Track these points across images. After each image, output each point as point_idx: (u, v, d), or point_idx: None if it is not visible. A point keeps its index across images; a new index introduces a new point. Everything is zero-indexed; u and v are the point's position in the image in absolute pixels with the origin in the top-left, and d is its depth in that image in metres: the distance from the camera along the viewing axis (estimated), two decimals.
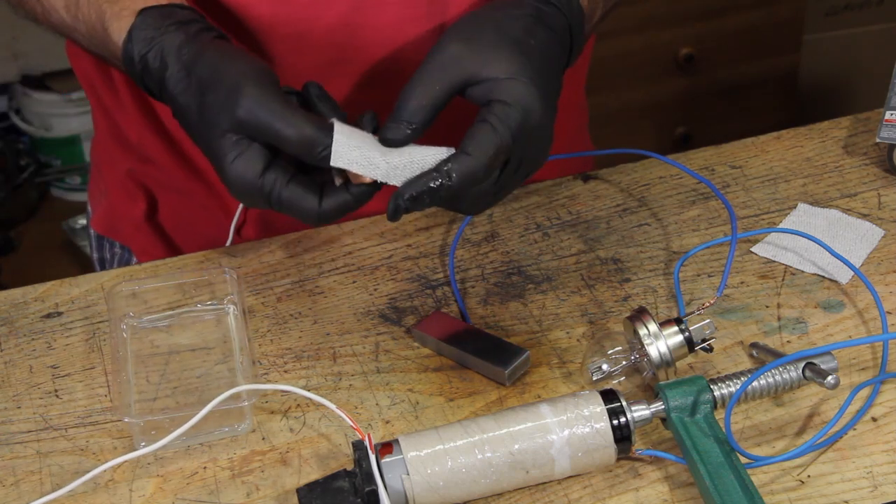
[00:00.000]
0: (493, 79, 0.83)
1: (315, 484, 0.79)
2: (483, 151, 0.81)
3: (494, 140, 0.81)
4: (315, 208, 0.84)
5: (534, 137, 0.84)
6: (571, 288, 0.98)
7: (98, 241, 1.25)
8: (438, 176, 0.81)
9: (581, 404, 0.80)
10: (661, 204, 1.07)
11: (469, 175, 0.81)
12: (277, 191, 0.83)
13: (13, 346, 0.95)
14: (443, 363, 0.92)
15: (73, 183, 2.76)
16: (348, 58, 1.01)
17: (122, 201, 1.19)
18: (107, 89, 1.14)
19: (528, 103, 0.82)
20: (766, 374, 0.83)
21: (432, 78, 0.83)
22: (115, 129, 1.16)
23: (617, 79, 2.29)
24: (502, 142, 0.82)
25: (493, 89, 0.82)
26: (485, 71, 0.83)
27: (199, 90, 0.85)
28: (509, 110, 0.82)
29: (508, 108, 0.82)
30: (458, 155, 0.81)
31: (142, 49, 0.88)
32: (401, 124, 0.83)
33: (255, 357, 0.93)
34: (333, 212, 0.84)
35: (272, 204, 0.84)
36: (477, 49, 0.84)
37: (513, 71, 0.83)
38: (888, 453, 0.82)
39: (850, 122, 1.15)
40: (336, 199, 0.84)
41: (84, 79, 1.17)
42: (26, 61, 2.61)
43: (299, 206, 0.84)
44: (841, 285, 0.97)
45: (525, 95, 0.82)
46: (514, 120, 0.82)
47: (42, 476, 0.84)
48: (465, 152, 0.81)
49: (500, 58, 0.83)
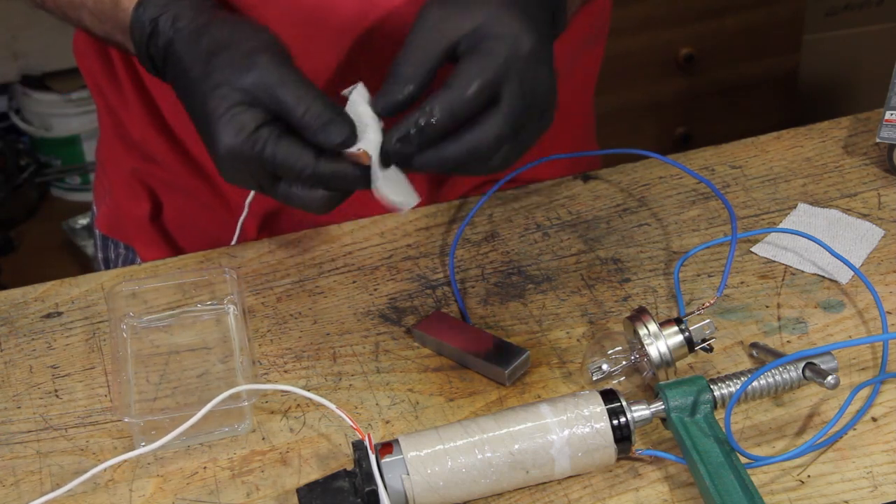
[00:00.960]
0: (478, 24, 0.81)
1: (315, 484, 0.79)
2: (465, 82, 0.80)
3: (476, 70, 0.80)
4: (311, 164, 0.81)
5: (529, 68, 0.82)
6: (571, 288, 0.98)
7: (103, 241, 1.25)
8: (420, 114, 0.80)
9: (581, 404, 0.80)
10: (661, 204, 1.07)
11: (453, 108, 0.80)
12: (270, 147, 0.81)
13: (13, 346, 0.95)
14: (443, 363, 0.92)
15: (73, 183, 2.76)
16: (360, 53, 1.01)
17: (125, 201, 1.20)
18: (112, 88, 1.14)
19: (514, 33, 0.81)
20: (766, 374, 0.83)
21: (420, 42, 0.82)
22: (120, 128, 1.16)
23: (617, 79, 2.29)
24: (486, 71, 0.80)
25: (479, 30, 0.81)
26: (470, 22, 0.82)
27: (209, 52, 0.84)
28: (494, 42, 0.80)
29: (493, 40, 0.81)
30: (439, 90, 0.80)
31: (154, 13, 0.88)
32: (400, 85, 0.81)
33: (255, 357, 0.93)
34: (331, 175, 0.82)
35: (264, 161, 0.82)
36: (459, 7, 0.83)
37: (497, 11, 0.82)
38: (888, 453, 0.82)
39: (850, 122, 1.15)
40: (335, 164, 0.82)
41: (89, 77, 1.17)
42: (26, 61, 2.62)
43: (293, 163, 0.81)
44: (841, 285, 0.97)
45: (510, 26, 0.81)
46: (499, 50, 0.80)
47: (42, 476, 0.84)
48: (447, 86, 0.80)
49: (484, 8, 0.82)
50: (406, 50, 0.83)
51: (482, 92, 0.81)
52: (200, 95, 0.84)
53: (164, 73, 0.89)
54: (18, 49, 2.59)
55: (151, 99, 1.10)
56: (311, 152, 0.82)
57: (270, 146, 0.81)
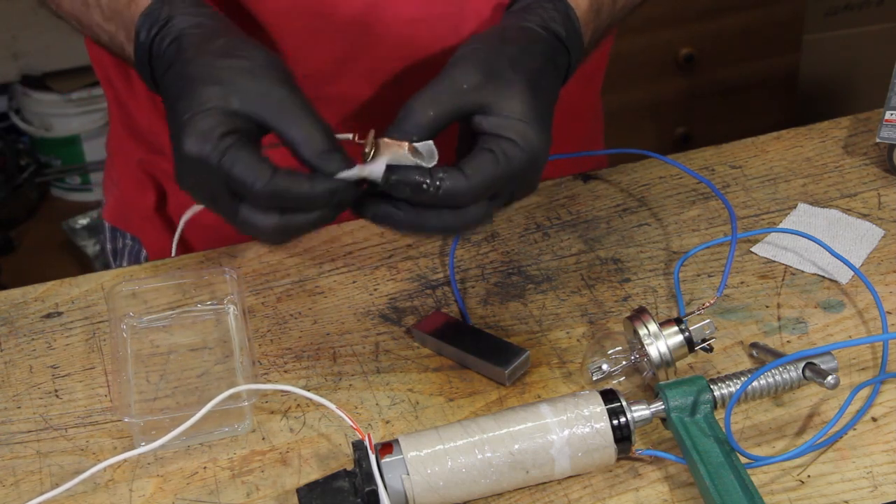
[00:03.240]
0: (505, 116, 0.83)
1: (315, 484, 0.79)
2: (479, 178, 0.81)
3: (494, 172, 0.81)
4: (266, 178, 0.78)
5: (532, 176, 0.85)
6: (571, 288, 0.98)
7: (112, 232, 1.26)
8: (429, 179, 0.80)
9: (581, 404, 0.80)
10: (661, 204, 1.07)
11: (456, 194, 0.81)
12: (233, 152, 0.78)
13: (13, 346, 0.95)
14: (443, 363, 0.92)
15: (73, 183, 2.76)
16: (360, 54, 1.01)
17: (132, 192, 1.20)
18: (121, 78, 1.14)
19: (536, 149, 0.83)
20: (766, 374, 0.83)
21: (443, 98, 0.83)
22: (128, 119, 1.17)
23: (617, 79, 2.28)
24: (500, 176, 0.82)
25: (504, 126, 0.82)
26: (497, 105, 0.83)
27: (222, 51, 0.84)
28: (518, 152, 0.82)
29: (517, 149, 0.82)
30: (452, 170, 0.81)
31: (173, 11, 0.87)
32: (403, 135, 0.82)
33: (255, 357, 0.93)
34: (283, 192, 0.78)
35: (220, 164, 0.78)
36: (492, 80, 0.83)
37: (526, 113, 0.83)
38: (888, 453, 0.82)
39: (850, 122, 1.15)
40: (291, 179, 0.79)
41: (99, 67, 1.17)
42: (26, 61, 2.62)
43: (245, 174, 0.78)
44: (841, 285, 0.97)
45: (535, 141, 0.83)
46: (519, 161, 0.82)
47: (42, 476, 0.84)
48: (462, 171, 0.81)
49: (515, 96, 0.83)
50: (430, 96, 0.83)
51: (487, 190, 0.82)
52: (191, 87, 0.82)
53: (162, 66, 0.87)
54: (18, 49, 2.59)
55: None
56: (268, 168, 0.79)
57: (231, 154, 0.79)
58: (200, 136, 0.79)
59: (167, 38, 0.86)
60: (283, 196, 0.79)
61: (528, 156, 0.82)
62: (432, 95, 0.83)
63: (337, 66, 1.01)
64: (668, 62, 2.38)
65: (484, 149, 0.82)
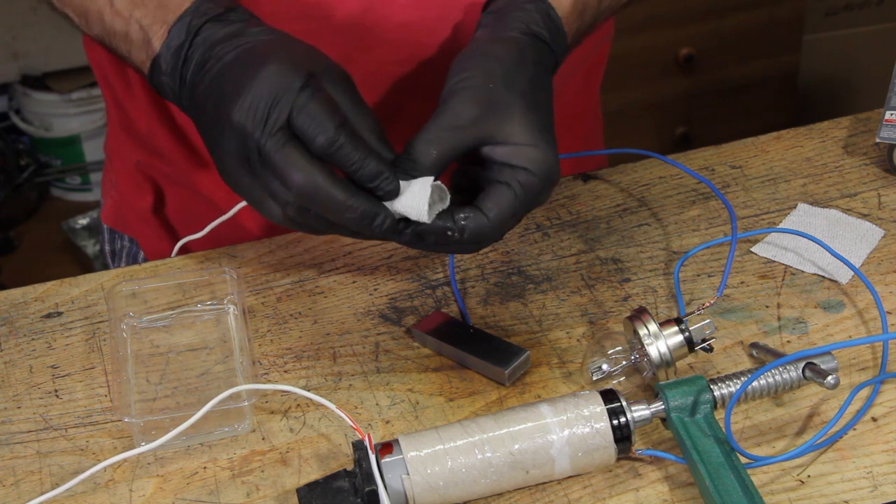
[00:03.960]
0: (512, 143, 0.83)
1: (315, 484, 0.79)
2: (501, 215, 0.82)
3: (514, 206, 0.82)
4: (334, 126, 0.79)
5: (547, 193, 0.85)
6: (571, 288, 0.98)
7: (110, 234, 1.26)
8: (453, 228, 0.81)
9: (581, 404, 0.80)
10: (661, 204, 1.07)
11: (481, 235, 0.82)
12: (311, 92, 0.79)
13: (13, 346, 0.95)
14: (443, 363, 0.92)
15: (73, 183, 2.76)
16: (357, 57, 1.01)
17: (130, 193, 1.20)
18: (119, 80, 1.14)
19: (549, 172, 0.83)
20: (766, 374, 0.83)
21: (445, 135, 0.83)
22: (126, 121, 1.17)
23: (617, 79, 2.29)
24: (520, 208, 0.82)
25: (513, 154, 0.83)
26: (502, 134, 0.83)
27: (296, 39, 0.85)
28: (532, 178, 0.82)
29: (531, 175, 0.82)
30: (475, 212, 0.82)
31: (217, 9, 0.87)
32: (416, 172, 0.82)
33: (255, 357, 0.93)
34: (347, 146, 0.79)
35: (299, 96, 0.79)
36: (493, 111, 0.83)
37: (533, 137, 0.83)
38: (888, 453, 0.82)
39: (850, 122, 1.15)
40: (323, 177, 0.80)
41: (98, 69, 1.17)
42: (26, 61, 2.62)
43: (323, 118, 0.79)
44: (841, 285, 0.97)
45: (547, 164, 0.83)
46: (536, 188, 0.83)
47: (42, 476, 0.84)
48: (483, 212, 0.82)
49: (516, 121, 0.83)
50: (431, 135, 0.83)
51: (510, 225, 0.83)
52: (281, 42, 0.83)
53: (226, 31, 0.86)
54: (18, 49, 2.59)
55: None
56: (340, 117, 0.80)
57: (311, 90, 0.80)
58: (282, 71, 0.80)
59: (230, 18, 0.86)
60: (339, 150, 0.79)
61: (542, 179, 0.83)
62: (433, 135, 0.83)
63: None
64: (668, 62, 2.38)
65: (499, 182, 0.83)
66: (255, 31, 0.85)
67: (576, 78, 1.16)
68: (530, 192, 0.83)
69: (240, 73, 0.82)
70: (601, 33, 1.17)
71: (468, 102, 0.84)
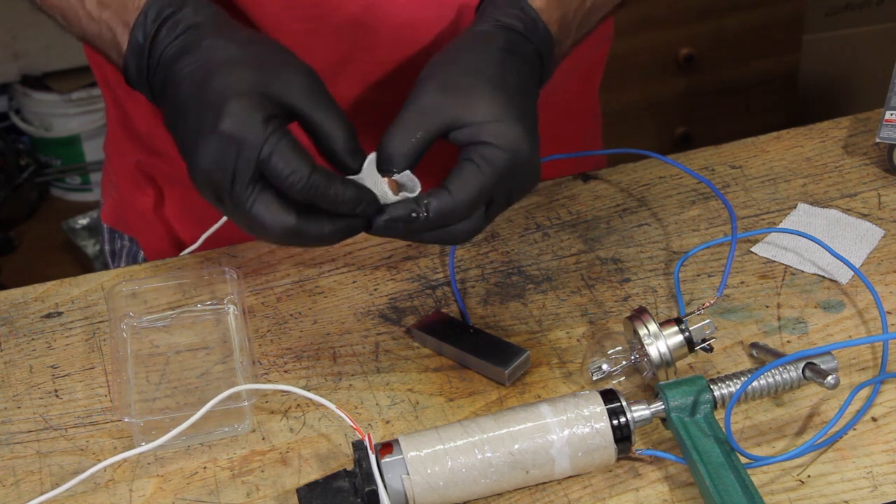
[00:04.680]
0: (477, 122, 0.82)
1: (315, 484, 0.79)
2: (465, 191, 0.81)
3: (478, 180, 0.81)
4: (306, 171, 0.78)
5: (522, 176, 0.84)
6: (571, 288, 0.98)
7: (110, 233, 1.26)
8: (416, 208, 0.81)
9: (581, 404, 0.80)
10: (661, 204, 1.07)
11: (446, 212, 0.81)
12: (275, 138, 0.78)
13: (13, 346, 0.95)
14: (443, 363, 0.92)
15: (73, 183, 2.76)
16: (357, 56, 1.01)
17: (130, 193, 1.20)
18: (119, 79, 1.14)
19: (515, 144, 0.82)
20: (766, 374, 0.83)
21: (412, 125, 0.83)
22: (126, 120, 1.17)
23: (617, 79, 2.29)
24: (486, 183, 0.81)
25: (478, 132, 0.82)
26: (467, 115, 0.83)
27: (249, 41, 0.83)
28: (497, 152, 0.82)
29: (496, 149, 0.82)
30: (438, 191, 0.81)
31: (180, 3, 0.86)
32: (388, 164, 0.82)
33: (255, 357, 0.93)
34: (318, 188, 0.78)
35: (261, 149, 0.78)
36: (456, 94, 0.83)
37: (496, 113, 0.82)
38: (888, 453, 0.82)
39: (850, 122, 1.15)
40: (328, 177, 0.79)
41: (97, 69, 1.17)
42: (26, 61, 2.62)
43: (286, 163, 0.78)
44: (841, 285, 0.97)
45: (511, 136, 0.82)
46: (501, 161, 0.82)
47: (42, 476, 0.84)
48: (447, 189, 0.81)
49: (481, 100, 0.83)
50: (399, 128, 0.83)
51: (478, 201, 0.82)
52: (223, 68, 0.81)
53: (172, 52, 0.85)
54: (18, 49, 2.59)
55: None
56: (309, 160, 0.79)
57: (273, 139, 0.78)
58: (241, 117, 0.78)
59: (180, 25, 0.85)
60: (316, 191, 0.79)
61: (509, 153, 0.82)
62: (401, 127, 0.83)
63: (334, 68, 1.01)
64: (668, 62, 2.38)
65: (464, 160, 0.82)
66: (208, 45, 0.83)
67: (575, 78, 1.16)
68: (496, 165, 0.81)
69: (198, 114, 0.81)
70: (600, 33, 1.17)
71: (430, 90, 0.84)
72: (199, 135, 0.80)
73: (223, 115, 0.78)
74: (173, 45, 0.85)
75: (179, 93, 0.83)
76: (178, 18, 0.85)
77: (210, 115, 0.79)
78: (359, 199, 0.80)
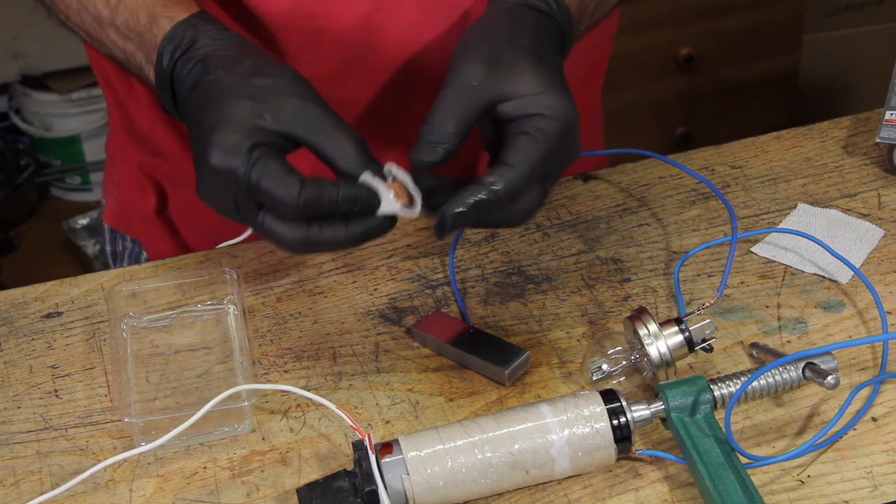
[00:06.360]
0: (525, 94, 0.82)
1: (315, 484, 0.79)
2: (526, 162, 0.81)
3: (537, 150, 0.81)
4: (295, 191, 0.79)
5: (571, 142, 0.84)
6: (571, 288, 0.98)
7: (111, 234, 1.26)
8: (484, 190, 0.80)
9: (581, 404, 0.80)
10: (661, 204, 1.07)
11: (513, 186, 0.80)
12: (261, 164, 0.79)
13: (13, 346, 0.95)
14: (443, 363, 0.92)
15: (73, 183, 2.76)
16: (363, 58, 1.01)
17: (132, 194, 1.20)
18: (121, 81, 1.14)
19: (566, 113, 0.83)
20: (766, 374, 0.83)
21: (459, 100, 0.83)
22: (129, 122, 1.17)
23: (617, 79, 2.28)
24: (544, 151, 0.81)
25: (528, 104, 0.82)
26: (513, 88, 0.83)
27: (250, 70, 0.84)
28: (550, 122, 0.82)
29: (549, 120, 0.82)
30: (499, 167, 0.81)
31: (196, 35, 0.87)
32: (435, 146, 0.81)
33: (255, 357, 0.93)
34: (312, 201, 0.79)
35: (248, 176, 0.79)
36: (498, 68, 0.83)
37: (542, 85, 0.83)
38: (888, 453, 0.82)
39: (850, 122, 1.15)
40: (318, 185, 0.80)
41: (99, 70, 1.17)
42: (26, 61, 2.62)
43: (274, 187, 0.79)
44: (841, 285, 0.97)
45: (561, 106, 0.82)
46: (554, 130, 0.82)
47: (42, 476, 0.84)
48: (507, 163, 0.81)
49: (526, 73, 0.83)
50: (445, 105, 0.82)
51: (538, 170, 0.82)
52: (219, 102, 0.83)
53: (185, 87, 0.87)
54: (18, 49, 2.59)
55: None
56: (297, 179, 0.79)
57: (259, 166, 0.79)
58: (228, 149, 0.80)
59: (192, 61, 0.86)
60: (311, 205, 0.79)
61: (561, 123, 0.82)
62: (447, 102, 0.82)
63: (339, 71, 1.01)
64: (668, 62, 2.38)
65: (518, 133, 0.82)
66: (210, 80, 0.85)
67: (578, 76, 1.16)
68: (551, 135, 0.82)
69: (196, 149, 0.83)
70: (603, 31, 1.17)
71: (474, 64, 0.84)
72: (197, 168, 0.82)
73: (210, 148, 0.80)
74: (187, 80, 0.86)
75: (189, 127, 0.86)
76: (189, 55, 0.87)
77: (202, 148, 0.81)
78: (355, 196, 0.80)
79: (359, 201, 0.80)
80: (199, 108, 0.84)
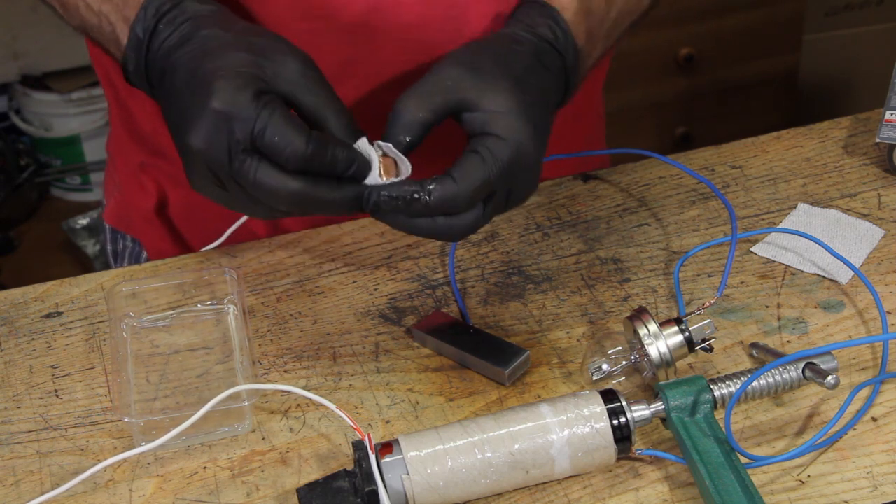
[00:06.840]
0: (490, 111, 0.82)
1: (315, 484, 0.79)
2: (468, 181, 0.81)
3: (482, 172, 0.81)
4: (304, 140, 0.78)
5: (523, 174, 0.84)
6: (571, 288, 0.98)
7: (112, 234, 1.26)
8: (419, 190, 0.80)
9: (581, 404, 0.80)
10: (661, 204, 1.07)
11: (448, 200, 0.81)
12: (269, 110, 0.78)
13: (13, 346, 0.95)
14: (443, 363, 0.92)
15: (73, 183, 2.76)
16: (364, 56, 1.01)
17: (133, 194, 1.20)
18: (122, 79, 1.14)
19: (521, 141, 0.82)
20: (766, 374, 0.83)
21: (428, 95, 0.83)
22: (130, 121, 1.17)
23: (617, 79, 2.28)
24: (489, 175, 0.81)
25: (489, 121, 0.82)
26: (483, 100, 0.83)
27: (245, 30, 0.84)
28: (502, 145, 0.82)
29: (502, 142, 0.82)
30: (442, 178, 0.81)
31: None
32: (401, 134, 0.82)
33: (255, 357, 0.93)
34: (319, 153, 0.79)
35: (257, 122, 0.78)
36: (477, 76, 0.84)
37: (510, 106, 0.83)
38: (888, 453, 0.82)
39: (850, 122, 1.15)
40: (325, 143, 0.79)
41: (100, 68, 1.17)
42: (26, 61, 2.62)
43: (285, 133, 0.78)
44: (841, 285, 0.97)
45: (520, 133, 0.82)
46: (505, 155, 0.82)
47: (42, 476, 0.84)
48: (451, 177, 0.81)
49: (499, 90, 0.83)
50: (415, 94, 0.83)
51: (480, 191, 0.82)
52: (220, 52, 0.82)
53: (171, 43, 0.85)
54: (18, 49, 2.59)
55: None
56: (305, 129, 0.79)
57: (267, 111, 0.78)
58: (235, 93, 0.78)
59: (179, 17, 0.85)
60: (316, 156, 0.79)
61: (513, 150, 0.82)
62: (418, 95, 0.83)
63: (340, 69, 1.01)
64: (668, 62, 2.38)
65: (470, 151, 0.82)
66: (205, 35, 0.84)
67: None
68: (499, 159, 0.81)
69: (189, 96, 0.81)
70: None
71: (455, 67, 0.84)
72: (192, 116, 0.80)
73: (213, 94, 0.79)
74: (171, 37, 0.85)
75: (175, 80, 0.84)
76: (176, 12, 0.86)
77: (201, 95, 0.80)
78: (352, 158, 0.80)
79: (355, 163, 0.80)
80: (194, 58, 0.83)
